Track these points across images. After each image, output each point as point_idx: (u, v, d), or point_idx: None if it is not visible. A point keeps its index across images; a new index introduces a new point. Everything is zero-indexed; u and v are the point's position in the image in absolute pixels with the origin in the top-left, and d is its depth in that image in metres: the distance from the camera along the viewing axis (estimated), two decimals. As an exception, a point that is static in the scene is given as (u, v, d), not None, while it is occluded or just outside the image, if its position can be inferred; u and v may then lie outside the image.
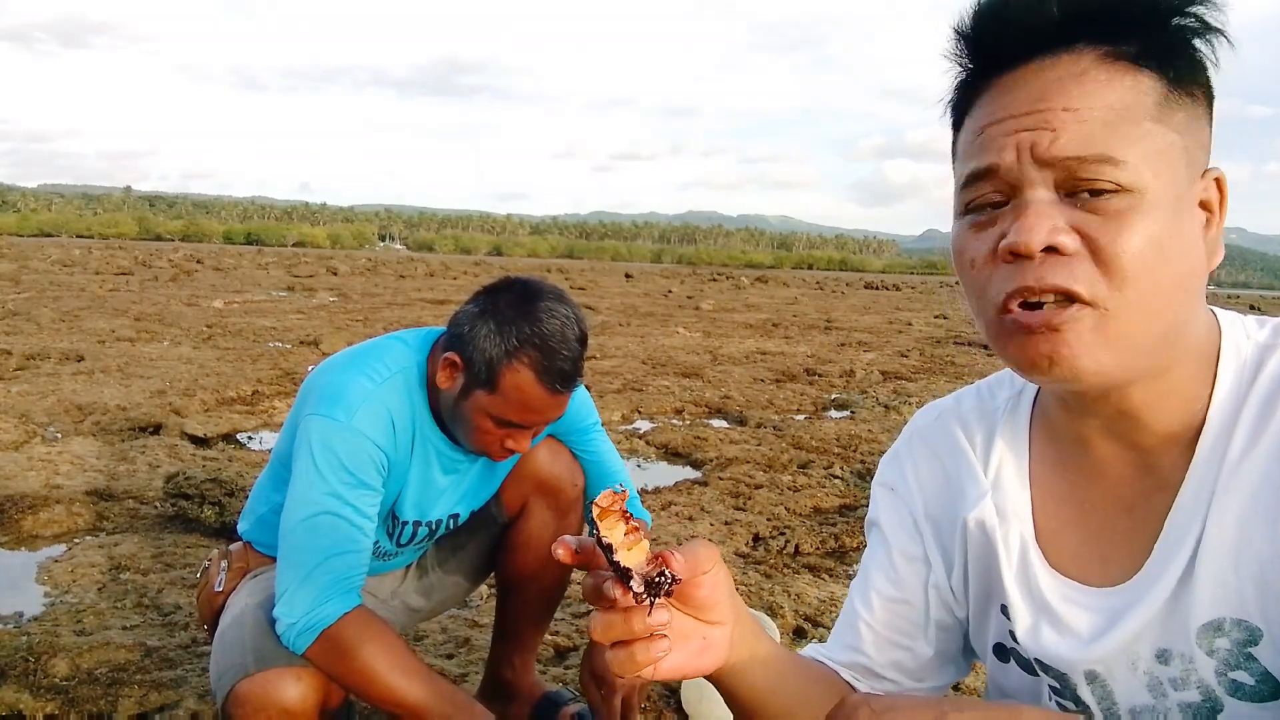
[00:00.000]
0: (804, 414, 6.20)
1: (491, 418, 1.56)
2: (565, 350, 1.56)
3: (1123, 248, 0.67)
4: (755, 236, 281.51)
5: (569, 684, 2.16)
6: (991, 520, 0.87)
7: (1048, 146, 0.68)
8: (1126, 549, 0.80)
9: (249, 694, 1.48)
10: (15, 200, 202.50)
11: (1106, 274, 0.68)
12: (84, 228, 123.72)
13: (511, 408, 1.55)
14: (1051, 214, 0.69)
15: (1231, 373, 0.76)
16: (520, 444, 1.61)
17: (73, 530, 3.22)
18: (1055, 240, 0.68)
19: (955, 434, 0.93)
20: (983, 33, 0.74)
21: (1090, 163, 0.68)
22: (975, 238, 0.74)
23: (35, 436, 4.38)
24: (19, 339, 7.82)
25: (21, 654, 2.19)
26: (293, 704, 1.48)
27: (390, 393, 1.61)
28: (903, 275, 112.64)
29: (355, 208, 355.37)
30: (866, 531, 1.01)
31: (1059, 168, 0.69)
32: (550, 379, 1.55)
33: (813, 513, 3.78)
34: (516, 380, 1.54)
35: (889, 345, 11.11)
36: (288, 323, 10.65)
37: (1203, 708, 0.76)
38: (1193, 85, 0.71)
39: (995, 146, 0.71)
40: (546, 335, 1.55)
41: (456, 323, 1.61)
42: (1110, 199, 0.68)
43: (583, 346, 1.61)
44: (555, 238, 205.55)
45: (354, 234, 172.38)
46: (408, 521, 1.74)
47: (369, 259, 43.26)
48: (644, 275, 36.64)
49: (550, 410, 1.59)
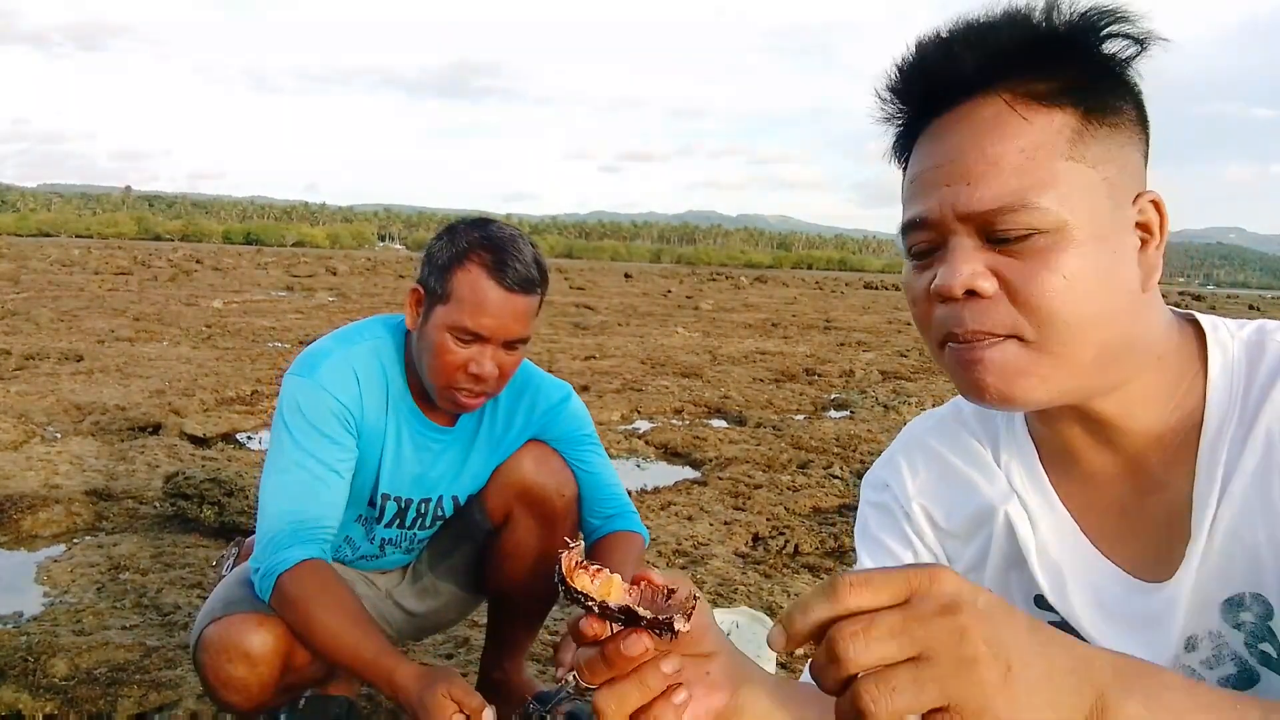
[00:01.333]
0: (803, 414, 6.21)
1: (450, 332, 1.55)
2: (515, 251, 1.57)
3: (1036, 288, 0.71)
4: (755, 236, 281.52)
5: (563, 681, 2.17)
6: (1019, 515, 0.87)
7: (966, 201, 0.73)
8: (1124, 551, 0.82)
9: (212, 637, 1.53)
10: (14, 200, 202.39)
11: (1024, 313, 0.72)
12: (83, 228, 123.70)
13: (466, 310, 1.54)
14: (973, 260, 0.73)
15: (1220, 370, 0.78)
16: (484, 365, 1.56)
17: (72, 530, 3.22)
18: (974, 285, 0.73)
19: (961, 435, 0.94)
20: (909, 86, 0.78)
21: (1005, 212, 0.71)
22: (916, 278, 0.79)
23: (34, 436, 4.38)
24: (18, 339, 7.81)
25: (21, 654, 2.19)
26: (253, 648, 1.51)
27: (360, 355, 1.66)
28: (902, 275, 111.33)
29: (354, 208, 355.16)
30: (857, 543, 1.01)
31: (977, 219, 0.73)
32: (502, 274, 1.54)
33: (812, 512, 3.78)
34: (468, 279, 1.55)
35: (888, 345, 11.11)
36: (287, 322, 10.65)
37: (1240, 679, 0.77)
38: (1112, 114, 0.74)
39: (923, 198, 0.75)
40: (497, 239, 1.58)
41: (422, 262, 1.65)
42: (1028, 241, 0.72)
43: (538, 265, 1.60)
44: (554, 237, 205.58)
45: (353, 234, 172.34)
46: (387, 495, 1.75)
47: (368, 259, 43.25)
48: (643, 275, 36.64)
49: (506, 315, 1.55)
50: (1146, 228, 0.76)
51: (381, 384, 1.67)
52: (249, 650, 1.51)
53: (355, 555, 1.86)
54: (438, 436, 1.73)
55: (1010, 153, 0.72)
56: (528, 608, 1.94)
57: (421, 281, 1.61)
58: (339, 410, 1.60)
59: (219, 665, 1.52)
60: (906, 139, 0.80)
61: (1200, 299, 35.50)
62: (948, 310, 0.75)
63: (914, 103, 0.78)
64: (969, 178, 0.72)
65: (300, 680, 1.66)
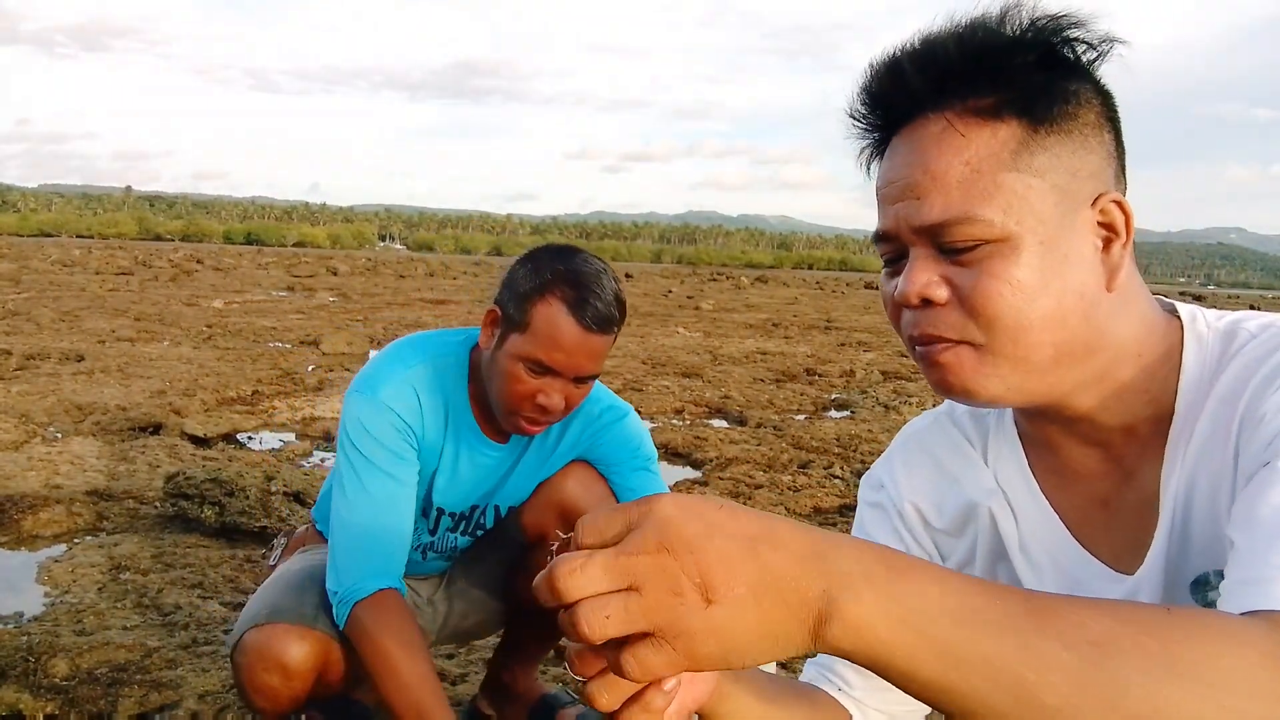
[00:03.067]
0: (804, 414, 6.21)
1: (523, 362, 1.53)
2: (599, 290, 1.53)
3: (980, 295, 0.74)
4: (755, 236, 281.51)
5: (568, 685, 2.17)
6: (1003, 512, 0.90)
7: (917, 216, 0.76)
8: (1106, 543, 0.85)
9: (252, 644, 1.55)
10: (15, 200, 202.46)
11: (972, 318, 0.76)
12: (84, 228, 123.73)
13: (541, 344, 1.52)
14: (928, 269, 0.77)
15: (1194, 359, 0.80)
16: (552, 398, 1.55)
17: (73, 530, 3.22)
18: (927, 293, 0.77)
19: (954, 434, 0.96)
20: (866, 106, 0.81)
21: (950, 225, 0.75)
22: (887, 283, 0.83)
23: (35, 436, 4.38)
24: (19, 339, 7.82)
25: (21, 654, 2.19)
26: (291, 661, 1.53)
27: (422, 373, 1.65)
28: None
29: (355, 208, 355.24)
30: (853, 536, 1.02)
31: (928, 232, 0.76)
32: (581, 313, 1.51)
33: (813, 512, 3.78)
34: (547, 313, 1.52)
35: (889, 345, 11.11)
36: (288, 322, 10.65)
37: None
38: (1063, 120, 0.75)
39: (885, 214, 0.80)
40: (581, 273, 1.54)
41: (501, 284, 1.62)
42: (976, 251, 0.75)
43: (620, 304, 1.58)
44: (555, 238, 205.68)
45: (354, 234, 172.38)
46: (441, 510, 1.75)
47: (369, 259, 43.27)
48: (644, 275, 36.65)
49: (579, 353, 1.53)
50: (1110, 227, 0.77)
51: (442, 402, 1.67)
52: (287, 663, 1.53)
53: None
54: (491, 452, 1.73)
55: (954, 168, 0.75)
56: (549, 625, 1.93)
57: (499, 304, 1.59)
58: (400, 427, 1.61)
59: (255, 672, 1.54)
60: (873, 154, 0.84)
61: (1201, 299, 35.50)
62: (910, 315, 0.79)
63: (874, 122, 0.82)
64: (917, 192, 0.76)
65: (329, 688, 1.67)
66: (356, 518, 1.57)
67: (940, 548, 0.97)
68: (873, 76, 0.79)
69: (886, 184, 0.79)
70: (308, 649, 1.54)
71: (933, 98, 0.76)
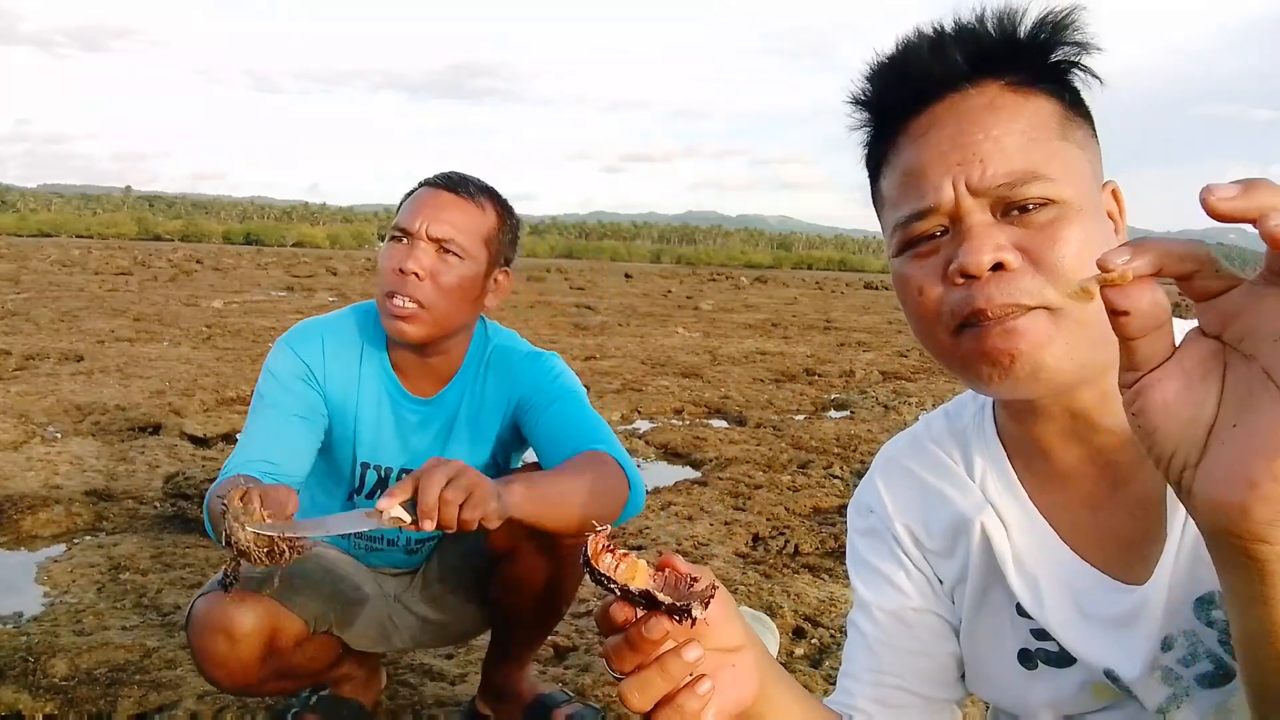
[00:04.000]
0: (803, 414, 6.21)
1: (390, 240, 1.66)
2: (461, 173, 1.69)
3: (1059, 253, 0.73)
4: (755, 237, 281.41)
5: (567, 685, 2.17)
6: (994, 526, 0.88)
7: (979, 177, 0.75)
8: (1098, 549, 0.83)
9: (199, 611, 1.56)
10: (14, 200, 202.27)
11: (1050, 279, 0.73)
12: (83, 228, 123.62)
13: (399, 216, 1.66)
14: (994, 234, 0.74)
15: None
16: (407, 261, 1.61)
17: (72, 530, 3.22)
18: (1000, 258, 0.73)
19: (933, 451, 0.94)
20: (885, 89, 0.80)
21: (1019, 184, 0.74)
22: (919, 267, 0.79)
23: (34, 436, 4.38)
24: (18, 339, 7.81)
25: (21, 654, 2.20)
26: (235, 625, 1.53)
27: (334, 321, 1.77)
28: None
29: (355, 208, 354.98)
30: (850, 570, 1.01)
31: (992, 194, 0.75)
32: (433, 179, 1.68)
33: (812, 513, 3.78)
34: (409, 197, 1.68)
35: (888, 345, 11.11)
36: (287, 323, 10.62)
37: (1217, 675, 0.78)
38: (1083, 107, 0.79)
39: (930, 186, 0.77)
40: (449, 171, 1.70)
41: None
42: (1039, 213, 0.74)
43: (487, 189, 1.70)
44: (554, 238, 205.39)
45: (353, 234, 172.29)
46: (366, 464, 1.77)
47: (368, 259, 43.26)
48: (643, 275, 36.63)
49: (429, 208, 1.64)
50: (1111, 215, 0.80)
51: (354, 346, 1.74)
52: (230, 627, 1.53)
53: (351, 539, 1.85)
54: (415, 407, 1.75)
55: (1012, 133, 0.75)
56: (530, 627, 1.92)
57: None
58: (300, 368, 1.68)
59: (202, 639, 1.55)
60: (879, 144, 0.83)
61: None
62: (968, 289, 0.75)
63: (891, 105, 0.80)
64: (979, 155, 0.75)
65: (291, 667, 1.66)
66: (244, 446, 1.61)
67: (935, 567, 0.95)
68: (905, 51, 0.79)
69: (936, 155, 0.77)
70: (251, 613, 1.54)
71: (971, 74, 0.77)
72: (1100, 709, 0.85)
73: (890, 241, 0.82)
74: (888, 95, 0.81)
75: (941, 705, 0.97)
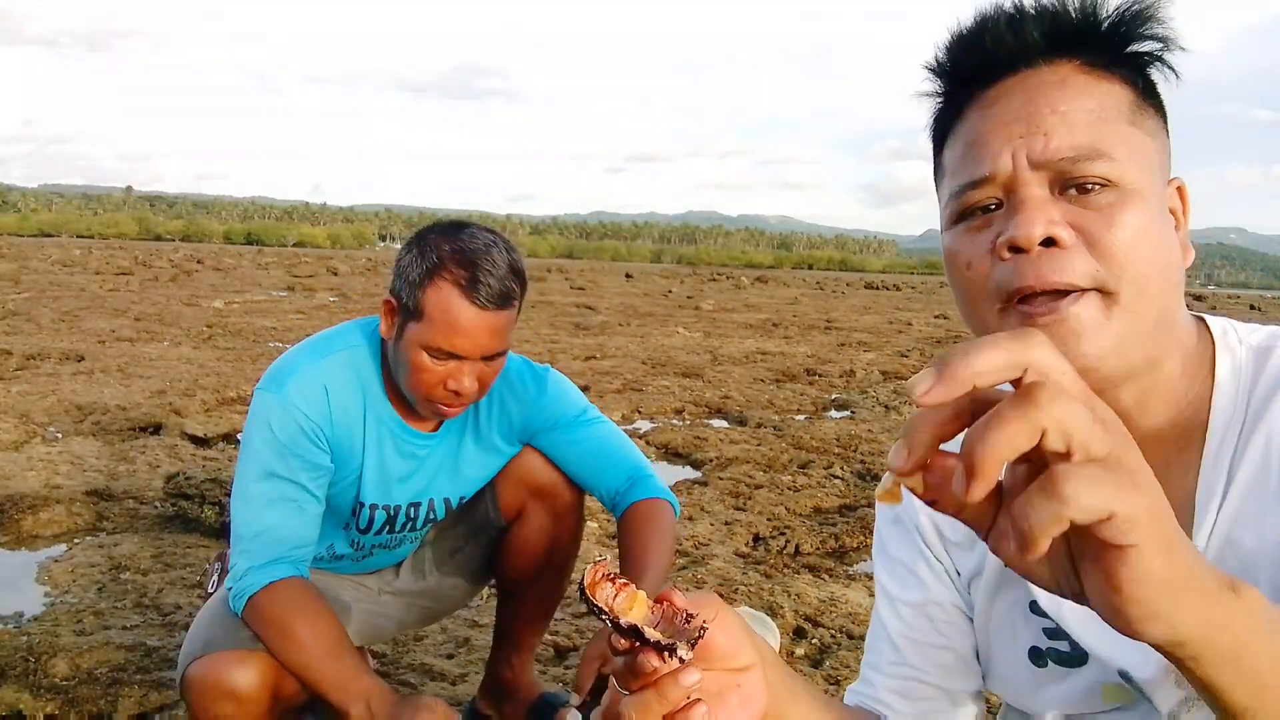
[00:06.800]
0: (804, 414, 6.20)
1: (425, 351, 1.50)
2: (489, 265, 1.50)
3: (1116, 236, 0.71)
4: (755, 236, 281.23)
5: (567, 685, 2.17)
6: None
7: (1041, 149, 0.73)
8: None
9: (197, 677, 1.50)
10: (15, 200, 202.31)
11: (1103, 261, 0.71)
12: (84, 228, 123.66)
13: (439, 331, 1.49)
14: (1047, 208, 0.72)
15: (1229, 373, 0.79)
16: (462, 382, 1.52)
17: (72, 530, 3.22)
18: (1052, 232, 0.71)
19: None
20: (960, 61, 0.79)
21: (1082, 160, 0.72)
22: (971, 240, 0.77)
23: (35, 436, 4.38)
24: (19, 339, 7.82)
25: (21, 654, 2.19)
26: (239, 687, 1.48)
27: (331, 367, 1.60)
28: (903, 275, 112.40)
29: (356, 208, 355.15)
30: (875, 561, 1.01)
31: (1052, 168, 0.73)
32: (475, 293, 1.47)
33: (813, 513, 3.78)
34: (439, 298, 1.48)
35: (889, 345, 11.11)
36: (288, 323, 10.65)
37: None
38: (1156, 98, 0.78)
39: (989, 154, 0.75)
40: (469, 251, 1.50)
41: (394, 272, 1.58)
42: (1099, 194, 0.72)
43: (516, 274, 1.54)
44: (555, 238, 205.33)
45: (354, 234, 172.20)
46: (370, 505, 1.72)
47: (369, 259, 43.25)
48: (644, 275, 36.63)
49: (480, 333, 1.50)
50: (1174, 212, 0.78)
51: (357, 395, 1.63)
52: (234, 689, 1.47)
53: (334, 559, 1.84)
54: (422, 442, 1.71)
55: (1081, 110, 0.74)
56: (535, 604, 1.94)
57: (394, 293, 1.56)
58: (306, 425, 1.56)
59: (206, 705, 1.49)
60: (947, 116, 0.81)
61: (1201, 298, 35.48)
62: (1016, 265, 0.73)
63: (963, 77, 0.79)
64: (1044, 128, 0.73)
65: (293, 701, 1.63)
66: (258, 521, 1.53)
67: (955, 560, 0.95)
68: (982, 24, 0.78)
69: (1000, 124, 0.76)
70: (254, 671, 1.48)
71: (1051, 49, 0.76)
72: (1108, 710, 0.85)
73: (944, 213, 0.81)
74: (961, 64, 0.79)
75: (964, 697, 0.97)
